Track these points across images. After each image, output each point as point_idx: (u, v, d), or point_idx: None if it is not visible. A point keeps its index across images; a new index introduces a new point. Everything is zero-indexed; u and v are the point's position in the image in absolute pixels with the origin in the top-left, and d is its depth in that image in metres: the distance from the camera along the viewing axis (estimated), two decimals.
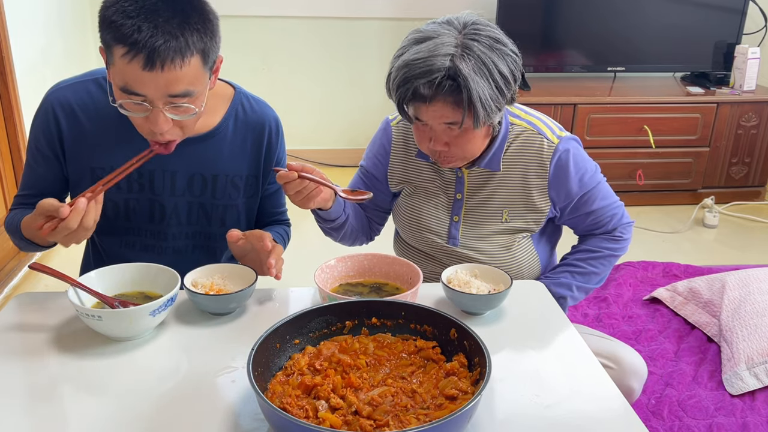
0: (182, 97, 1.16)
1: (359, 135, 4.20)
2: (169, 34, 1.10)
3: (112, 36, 1.11)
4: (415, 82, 1.27)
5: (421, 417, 0.91)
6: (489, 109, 1.28)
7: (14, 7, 2.78)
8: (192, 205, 1.42)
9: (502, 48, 1.30)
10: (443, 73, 1.24)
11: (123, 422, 0.96)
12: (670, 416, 1.94)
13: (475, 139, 1.36)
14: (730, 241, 3.30)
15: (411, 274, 1.27)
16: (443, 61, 1.25)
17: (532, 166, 1.45)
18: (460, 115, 1.29)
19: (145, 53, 1.09)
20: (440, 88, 1.26)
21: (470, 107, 1.26)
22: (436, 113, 1.30)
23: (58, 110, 1.33)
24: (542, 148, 1.44)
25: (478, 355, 0.97)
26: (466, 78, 1.24)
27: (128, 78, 1.13)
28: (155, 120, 1.18)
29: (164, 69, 1.11)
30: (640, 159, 3.58)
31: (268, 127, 1.44)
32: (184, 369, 1.09)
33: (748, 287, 2.36)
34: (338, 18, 3.92)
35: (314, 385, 0.95)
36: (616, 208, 1.54)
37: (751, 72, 3.57)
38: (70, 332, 1.17)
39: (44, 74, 3.08)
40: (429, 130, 1.36)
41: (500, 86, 1.29)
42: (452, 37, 1.28)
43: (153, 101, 1.16)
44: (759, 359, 2.08)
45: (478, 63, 1.26)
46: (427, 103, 1.30)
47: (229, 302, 1.21)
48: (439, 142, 1.36)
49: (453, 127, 1.32)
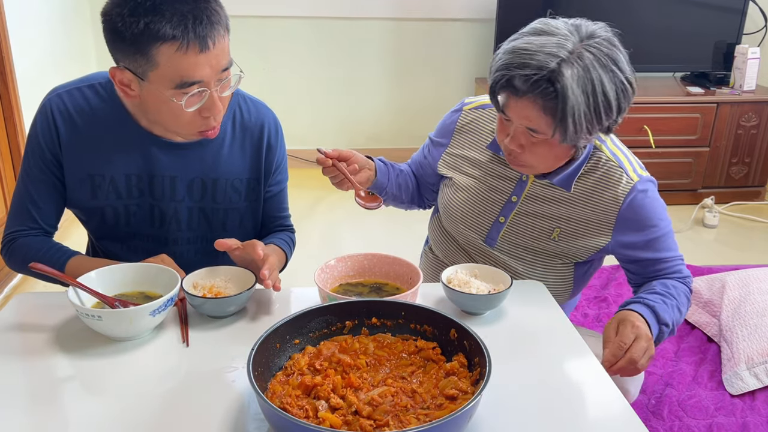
0: (228, 69, 1.21)
1: (359, 135, 4.21)
2: (203, 13, 1.14)
3: (152, 38, 1.12)
4: (514, 71, 1.21)
5: (421, 417, 0.91)
6: (579, 127, 1.21)
7: (14, 7, 2.78)
8: (192, 210, 1.41)
9: (615, 71, 1.22)
10: (543, 74, 1.18)
11: (123, 422, 0.96)
12: (670, 416, 1.94)
13: (552, 154, 1.30)
14: (730, 241, 3.30)
15: (411, 274, 1.27)
16: (549, 60, 1.18)
17: (605, 198, 1.38)
18: (543, 122, 1.22)
19: (198, 39, 1.13)
20: (535, 86, 1.19)
21: (561, 119, 1.20)
22: (522, 111, 1.24)
23: (57, 116, 1.32)
24: (620, 183, 1.37)
25: (478, 355, 0.97)
26: (565, 86, 1.17)
27: (184, 69, 1.15)
28: (213, 103, 1.21)
29: (216, 45, 1.16)
30: (640, 159, 3.58)
31: (267, 129, 1.43)
32: (184, 369, 1.09)
33: (748, 287, 2.36)
34: (338, 18, 3.92)
35: (314, 385, 0.95)
36: (681, 262, 1.43)
37: (751, 72, 3.57)
38: (70, 332, 1.17)
39: (44, 74, 3.08)
40: (510, 126, 1.30)
41: (599, 108, 1.21)
42: (570, 42, 1.20)
43: (208, 83, 1.18)
44: (759, 359, 2.08)
45: (583, 74, 1.18)
46: (516, 96, 1.23)
47: (227, 306, 1.20)
48: (515, 141, 1.30)
49: (533, 134, 1.26)
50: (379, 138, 4.19)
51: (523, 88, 1.21)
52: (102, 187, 1.35)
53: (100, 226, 1.41)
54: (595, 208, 1.40)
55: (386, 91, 4.16)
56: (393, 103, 4.17)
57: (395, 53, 4.07)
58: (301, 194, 3.68)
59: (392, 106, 4.16)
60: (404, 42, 4.03)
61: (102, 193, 1.35)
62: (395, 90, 4.16)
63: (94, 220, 1.40)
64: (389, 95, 4.17)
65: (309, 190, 3.74)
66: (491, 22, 3.67)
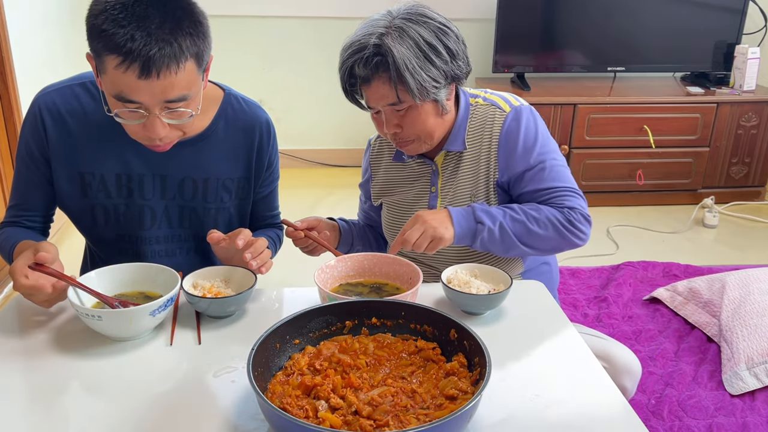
0: (179, 101, 1.16)
1: (358, 135, 4.20)
2: (163, 41, 1.08)
3: (103, 45, 1.09)
4: (350, 61, 1.34)
5: (421, 417, 0.91)
6: (421, 80, 1.31)
7: (14, 7, 2.78)
8: (183, 209, 1.41)
9: (428, 21, 1.34)
10: (371, 50, 1.30)
11: (123, 422, 0.96)
12: (670, 416, 1.94)
13: (424, 116, 1.37)
14: (730, 241, 3.30)
15: (411, 274, 1.27)
16: (372, 38, 1.31)
17: (485, 138, 1.45)
18: (395, 92, 1.33)
19: (140, 62, 1.08)
20: (372, 66, 1.31)
21: (400, 78, 1.30)
22: (376, 93, 1.35)
23: (45, 114, 1.31)
24: (494, 118, 1.45)
25: (478, 355, 0.97)
26: (389, 49, 1.29)
27: (123, 86, 1.11)
28: (152, 126, 1.17)
29: (160, 76, 1.10)
30: (640, 159, 3.58)
31: (258, 129, 1.42)
32: (184, 369, 1.09)
33: (748, 287, 2.36)
34: (338, 18, 3.92)
35: (314, 385, 0.95)
36: (571, 195, 1.41)
37: (751, 72, 3.57)
38: (70, 332, 1.17)
39: (44, 74, 3.08)
40: (379, 117, 1.40)
41: (429, 56, 1.32)
42: (383, 20, 1.34)
43: (149, 108, 1.14)
44: (759, 359, 2.08)
45: (400, 34, 1.31)
46: (367, 84, 1.35)
47: (227, 306, 1.20)
48: (390, 124, 1.39)
49: (396, 108, 1.36)
50: None
51: (365, 73, 1.33)
52: (92, 186, 1.35)
53: (90, 227, 1.40)
54: (482, 153, 1.46)
55: None
56: None
57: None
58: (301, 194, 3.68)
59: None
60: None
61: (92, 191, 1.35)
62: None
63: (85, 221, 1.39)
64: None
65: (309, 190, 3.74)
66: (491, 22, 3.66)
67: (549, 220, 1.37)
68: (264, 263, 1.27)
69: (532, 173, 1.42)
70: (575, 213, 1.38)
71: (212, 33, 1.19)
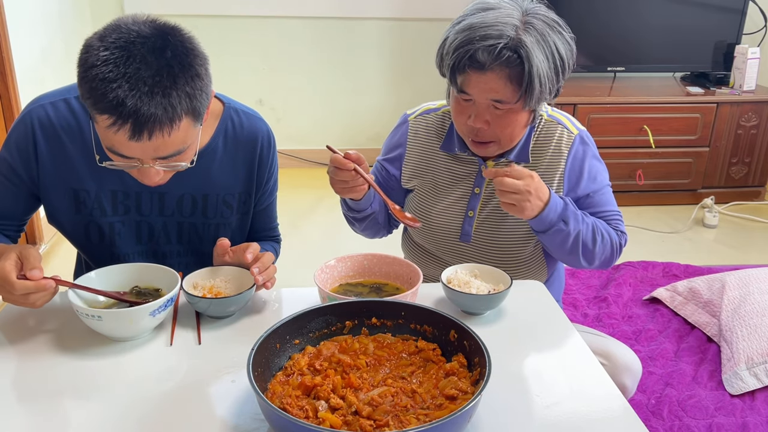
0: (173, 156, 1.12)
1: (358, 135, 4.21)
2: (156, 104, 1.02)
3: (92, 103, 1.03)
4: (477, 44, 1.24)
5: (421, 417, 0.91)
6: (544, 89, 1.27)
7: (14, 7, 2.78)
8: (182, 225, 1.38)
9: (563, 32, 1.30)
10: (506, 41, 1.23)
11: (123, 422, 0.96)
12: (670, 416, 1.94)
13: (517, 123, 1.33)
14: (730, 241, 3.30)
15: (411, 274, 1.27)
16: (508, 30, 1.24)
17: (550, 156, 1.43)
18: (510, 91, 1.26)
19: (131, 124, 1.02)
20: (499, 57, 1.24)
21: (529, 83, 1.25)
22: (487, 85, 1.27)
23: (37, 128, 1.26)
24: (561, 139, 1.43)
25: (478, 355, 0.97)
26: (529, 51, 1.23)
27: (114, 143, 1.07)
28: (146, 175, 1.13)
29: (152, 138, 1.05)
30: (640, 159, 3.59)
31: (260, 143, 1.38)
32: (184, 369, 1.09)
33: (748, 287, 2.36)
34: (338, 18, 3.92)
35: (314, 385, 0.95)
36: (619, 218, 1.48)
37: (751, 72, 3.57)
38: (70, 332, 1.17)
39: (44, 74, 3.08)
40: (471, 106, 1.32)
41: (558, 68, 1.28)
42: (516, 12, 1.27)
43: (142, 161, 1.10)
44: (759, 359, 2.08)
45: (540, 38, 1.25)
46: (480, 71, 1.26)
47: (227, 306, 1.20)
48: (480, 118, 1.32)
49: (498, 105, 1.29)
50: (378, 138, 4.19)
51: (487, 60, 1.24)
52: (87, 203, 1.30)
53: (84, 244, 1.37)
54: (544, 169, 1.43)
55: (386, 91, 4.16)
56: (393, 103, 4.17)
57: (395, 53, 4.07)
58: (301, 194, 3.68)
59: (392, 106, 4.16)
60: (404, 42, 4.03)
61: (86, 209, 1.31)
62: (395, 90, 4.16)
63: (78, 237, 1.36)
64: (389, 95, 4.17)
65: (309, 190, 3.74)
66: None
67: (611, 239, 1.43)
68: (270, 278, 1.25)
69: (593, 197, 1.45)
70: (624, 239, 1.47)
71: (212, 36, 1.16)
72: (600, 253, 1.41)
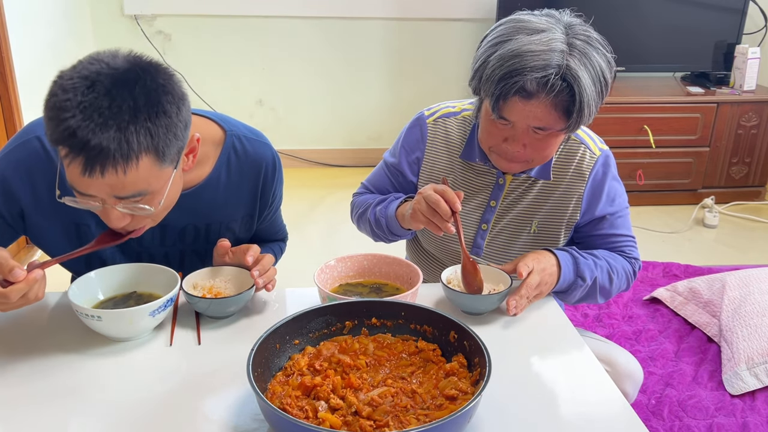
0: (133, 197, 1.03)
1: (359, 135, 4.20)
2: (109, 137, 0.94)
3: (49, 132, 0.97)
4: (527, 75, 1.15)
5: (421, 417, 0.91)
6: (591, 114, 1.21)
7: (14, 7, 2.78)
8: (184, 253, 1.36)
9: (603, 50, 1.22)
10: (556, 71, 1.15)
11: (122, 422, 0.96)
12: (670, 416, 1.94)
13: (555, 145, 1.28)
14: (730, 241, 3.30)
15: (411, 275, 1.27)
16: (556, 57, 1.16)
17: (571, 176, 1.39)
18: (554, 118, 1.20)
19: (83, 158, 0.95)
20: (549, 87, 1.16)
21: (579, 111, 1.18)
22: (531, 113, 1.20)
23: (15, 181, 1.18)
24: (584, 159, 1.39)
25: (477, 355, 0.97)
26: (578, 78, 1.16)
27: (70, 177, 1.00)
28: (108, 216, 1.06)
29: (105, 176, 0.97)
30: (640, 159, 3.59)
31: (264, 169, 1.33)
32: (184, 369, 1.09)
33: (748, 287, 2.36)
34: (338, 18, 3.92)
35: (314, 385, 0.95)
36: (633, 244, 1.46)
37: (751, 72, 3.57)
38: (70, 332, 1.17)
39: (44, 74, 3.08)
40: (508, 130, 1.25)
41: (602, 89, 1.21)
42: (559, 33, 1.19)
43: (101, 199, 1.03)
44: (759, 359, 2.08)
45: (585, 60, 1.18)
46: (526, 100, 1.18)
47: (227, 306, 1.20)
48: (518, 143, 1.25)
49: (539, 132, 1.23)
50: (379, 138, 4.19)
51: (536, 90, 1.17)
52: (87, 236, 1.26)
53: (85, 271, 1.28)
54: (563, 189, 1.41)
55: (386, 91, 4.16)
56: (393, 102, 4.16)
57: (395, 53, 4.07)
58: (301, 194, 3.68)
59: (392, 106, 4.16)
60: (404, 42, 4.03)
61: (86, 241, 1.23)
62: (395, 90, 4.16)
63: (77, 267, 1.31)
64: (389, 95, 4.16)
65: (309, 190, 3.74)
66: (491, 22, 3.66)
67: (625, 272, 1.42)
68: (270, 281, 1.23)
69: (610, 219, 1.42)
70: (638, 265, 1.45)
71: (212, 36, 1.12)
72: (616, 288, 1.41)
